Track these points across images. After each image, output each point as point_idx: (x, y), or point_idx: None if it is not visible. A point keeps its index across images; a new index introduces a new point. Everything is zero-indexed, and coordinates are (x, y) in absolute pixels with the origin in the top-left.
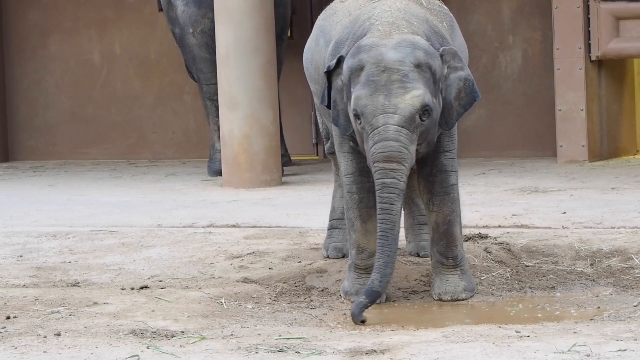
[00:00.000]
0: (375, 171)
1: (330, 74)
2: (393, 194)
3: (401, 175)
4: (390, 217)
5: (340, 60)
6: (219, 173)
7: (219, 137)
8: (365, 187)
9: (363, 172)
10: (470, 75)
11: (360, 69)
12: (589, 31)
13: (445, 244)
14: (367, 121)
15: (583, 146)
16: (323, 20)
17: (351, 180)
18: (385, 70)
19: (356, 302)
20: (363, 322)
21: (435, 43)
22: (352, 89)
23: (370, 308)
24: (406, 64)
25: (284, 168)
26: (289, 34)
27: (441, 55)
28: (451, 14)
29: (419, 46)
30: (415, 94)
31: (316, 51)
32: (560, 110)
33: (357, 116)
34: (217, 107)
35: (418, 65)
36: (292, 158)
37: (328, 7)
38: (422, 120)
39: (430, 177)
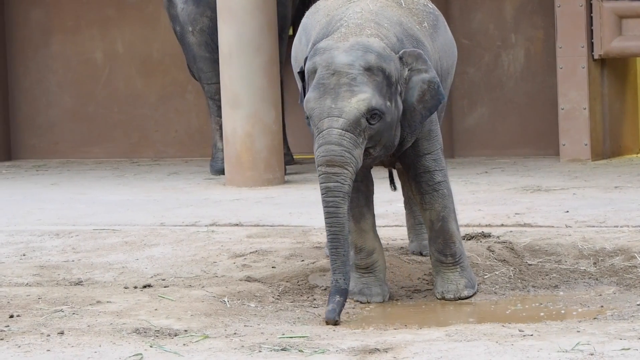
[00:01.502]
0: (319, 175)
1: (303, 74)
2: (338, 198)
3: (344, 178)
4: (338, 219)
5: (306, 62)
6: (221, 172)
7: (220, 136)
8: (355, 187)
9: None
10: (435, 77)
11: (314, 71)
12: (592, 30)
13: (442, 241)
14: (314, 124)
15: (586, 145)
16: (307, 18)
17: None
18: (335, 74)
19: (335, 303)
20: (337, 323)
21: (407, 46)
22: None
23: (373, 307)
24: (355, 67)
25: (287, 167)
26: (290, 32)
27: (400, 58)
28: (437, 13)
29: (372, 49)
30: (362, 98)
31: (299, 49)
32: (562, 109)
33: (308, 118)
34: (218, 107)
35: (369, 69)
36: (294, 157)
37: (314, 4)
38: (370, 123)
39: (416, 177)
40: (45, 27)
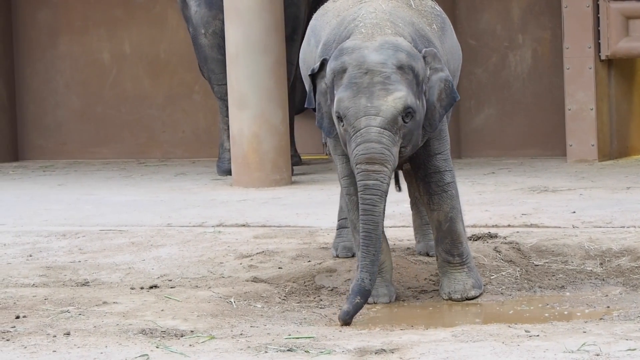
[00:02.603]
0: (358, 173)
1: (314, 76)
2: (375, 196)
3: (383, 177)
4: (373, 218)
5: (323, 63)
6: (228, 172)
7: (228, 136)
8: None
9: None
10: (449, 76)
11: (342, 71)
12: (599, 30)
13: (450, 242)
14: (349, 123)
15: (593, 145)
16: (315, 20)
17: (348, 182)
18: (368, 73)
19: (352, 305)
20: (348, 324)
21: (420, 46)
22: (335, 92)
23: (379, 308)
24: (388, 65)
25: (294, 167)
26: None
27: (424, 57)
28: (444, 16)
29: (402, 48)
30: (398, 96)
31: (308, 51)
32: (569, 110)
33: (339, 118)
34: (227, 107)
35: (400, 67)
36: (302, 157)
37: (322, 6)
38: (404, 122)
39: (426, 178)
40: (53, 28)
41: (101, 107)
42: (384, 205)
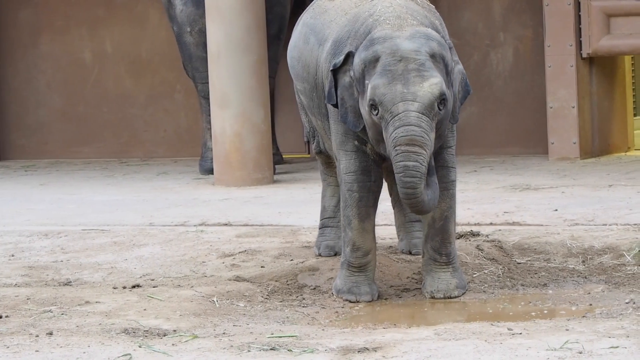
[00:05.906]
0: (397, 154)
1: (336, 71)
2: (415, 178)
3: (423, 159)
4: (416, 200)
5: (348, 57)
6: (210, 171)
7: (211, 135)
8: (366, 186)
9: (365, 171)
10: (463, 69)
11: (375, 60)
12: (580, 28)
13: (440, 240)
14: (386, 109)
15: (574, 143)
16: (312, 19)
17: (352, 179)
18: (402, 60)
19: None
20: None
21: None
22: (366, 81)
23: (362, 306)
24: (422, 53)
25: (276, 166)
26: None
27: (450, 48)
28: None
29: (432, 37)
30: (434, 82)
31: (306, 50)
32: (551, 108)
33: (374, 106)
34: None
35: (433, 56)
36: (283, 156)
37: (314, 5)
38: (439, 109)
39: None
40: (34, 27)
41: (83, 106)
42: (423, 186)
